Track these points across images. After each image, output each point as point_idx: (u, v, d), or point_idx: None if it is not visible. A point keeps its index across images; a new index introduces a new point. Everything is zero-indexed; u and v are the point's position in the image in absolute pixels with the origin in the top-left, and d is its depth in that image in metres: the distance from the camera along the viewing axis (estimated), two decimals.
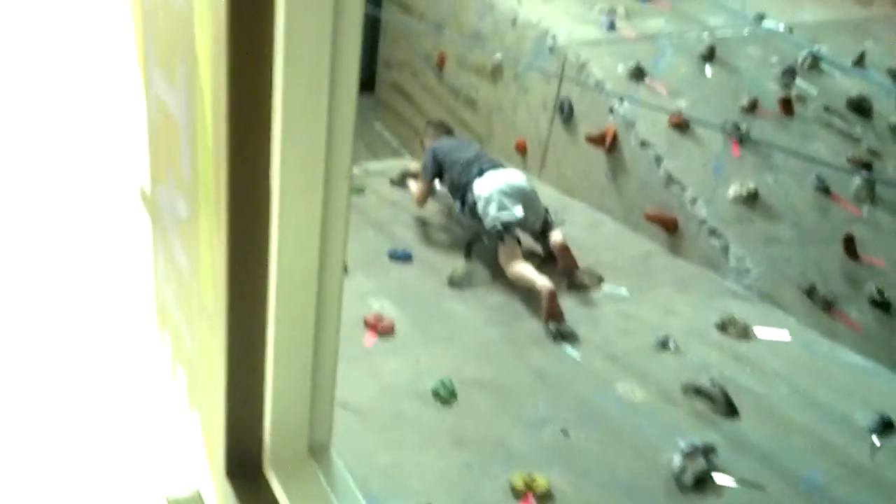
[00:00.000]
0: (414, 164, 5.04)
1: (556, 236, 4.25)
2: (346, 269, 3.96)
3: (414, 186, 4.76)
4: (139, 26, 1.80)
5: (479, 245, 4.31)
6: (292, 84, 1.37)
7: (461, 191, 4.30)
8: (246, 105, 1.42)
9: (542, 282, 3.85)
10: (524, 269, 3.98)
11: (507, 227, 4.08)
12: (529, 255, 4.23)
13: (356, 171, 5.32)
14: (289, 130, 1.42)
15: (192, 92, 1.53)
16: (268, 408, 1.65)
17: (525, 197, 4.19)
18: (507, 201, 4.11)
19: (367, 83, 7.42)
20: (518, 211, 4.10)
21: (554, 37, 5.30)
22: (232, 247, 1.52)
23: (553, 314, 3.78)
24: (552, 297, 3.79)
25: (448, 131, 5.00)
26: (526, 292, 4.02)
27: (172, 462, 2.02)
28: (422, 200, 4.68)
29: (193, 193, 1.63)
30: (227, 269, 1.53)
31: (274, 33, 1.35)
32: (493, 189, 4.14)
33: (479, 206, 4.14)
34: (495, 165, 4.35)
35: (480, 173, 4.24)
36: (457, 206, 4.39)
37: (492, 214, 4.09)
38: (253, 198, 1.49)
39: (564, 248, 4.21)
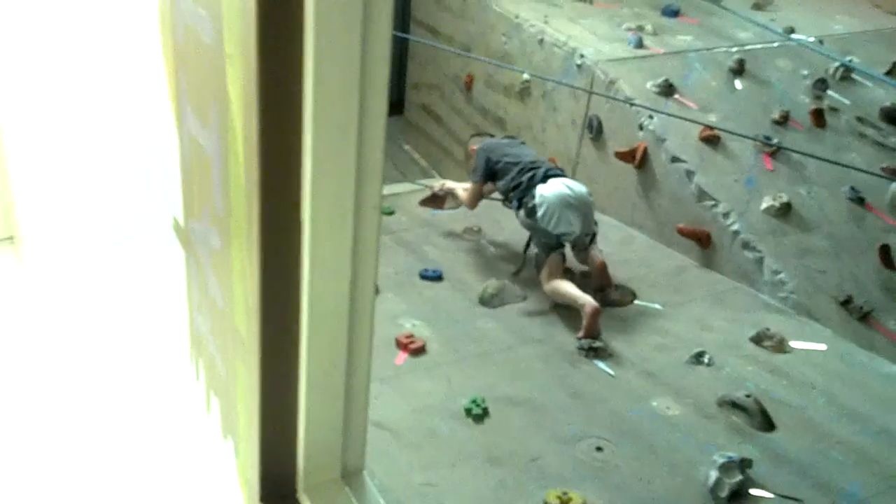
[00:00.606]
0: (439, 183, 5.06)
1: (596, 254, 4.23)
2: (377, 290, 4.02)
3: (462, 193, 4.69)
4: (170, 63, 1.87)
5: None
6: (322, 122, 1.42)
7: (520, 193, 4.18)
8: (277, 142, 1.47)
9: (585, 299, 3.85)
10: (566, 287, 3.98)
11: (562, 243, 4.08)
12: (565, 271, 4.25)
13: (385, 190, 5.38)
14: (319, 166, 1.46)
15: (224, 130, 1.59)
16: (301, 433, 1.69)
17: (585, 207, 4.13)
18: (569, 213, 4.04)
19: (397, 105, 7.51)
20: (576, 226, 4.04)
21: (582, 55, 5.33)
22: (264, 277, 1.56)
23: (592, 332, 3.79)
24: (595, 314, 3.80)
25: (491, 137, 4.95)
26: (561, 309, 4.04)
27: (207, 489, 2.07)
28: (474, 203, 4.61)
29: (226, 226, 1.68)
30: (260, 299, 1.57)
31: (303, 73, 1.40)
32: (557, 194, 4.05)
33: (541, 210, 4.04)
34: (557, 173, 4.28)
35: (545, 178, 4.14)
36: (513, 206, 4.27)
37: (551, 226, 4.03)
38: (284, 230, 1.54)
39: (603, 267, 4.20)
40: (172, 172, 1.94)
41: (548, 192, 4.07)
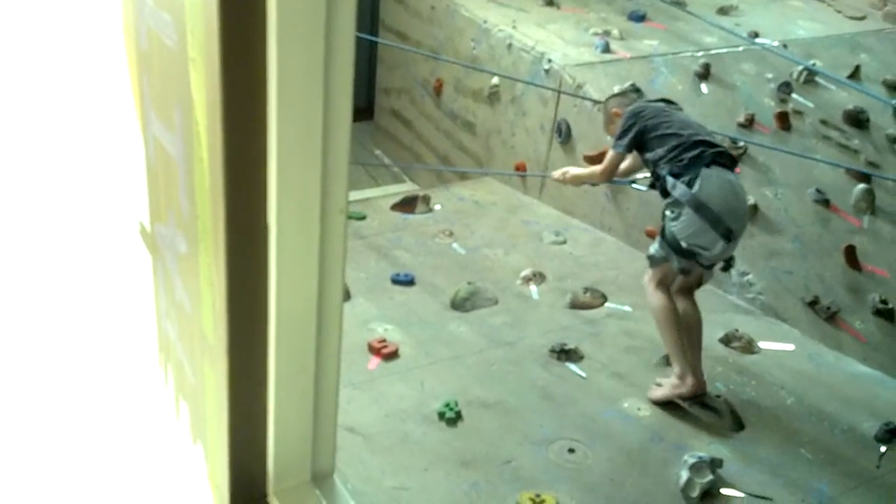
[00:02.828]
0: (558, 172, 4.20)
1: (702, 374, 3.40)
2: (348, 295, 4.00)
3: (586, 172, 3.93)
4: (134, 68, 1.86)
5: None
6: (286, 125, 1.42)
7: (678, 168, 3.29)
8: (241, 146, 1.47)
9: (685, 368, 3.33)
10: (674, 330, 3.35)
11: (694, 254, 3.31)
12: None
13: (356, 195, 5.38)
14: (284, 169, 1.46)
15: (189, 134, 1.58)
16: (270, 438, 1.68)
17: (742, 221, 3.36)
18: (721, 226, 3.22)
19: (366, 111, 7.50)
20: (717, 249, 3.26)
21: (550, 60, 5.36)
22: (231, 281, 1.56)
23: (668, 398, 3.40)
24: (692, 396, 3.35)
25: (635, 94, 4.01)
26: (531, 311, 4.05)
27: (178, 494, 2.06)
28: (611, 175, 3.74)
29: (192, 230, 1.68)
30: (227, 303, 1.57)
31: (267, 76, 1.40)
32: (719, 196, 3.23)
33: (685, 212, 3.24)
34: (726, 162, 3.35)
35: (710, 164, 3.27)
36: (661, 173, 3.35)
37: (692, 230, 3.24)
38: (251, 234, 1.54)
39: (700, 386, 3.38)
40: (138, 177, 1.93)
41: (709, 189, 3.23)
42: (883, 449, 3.27)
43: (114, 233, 2.18)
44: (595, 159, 4.98)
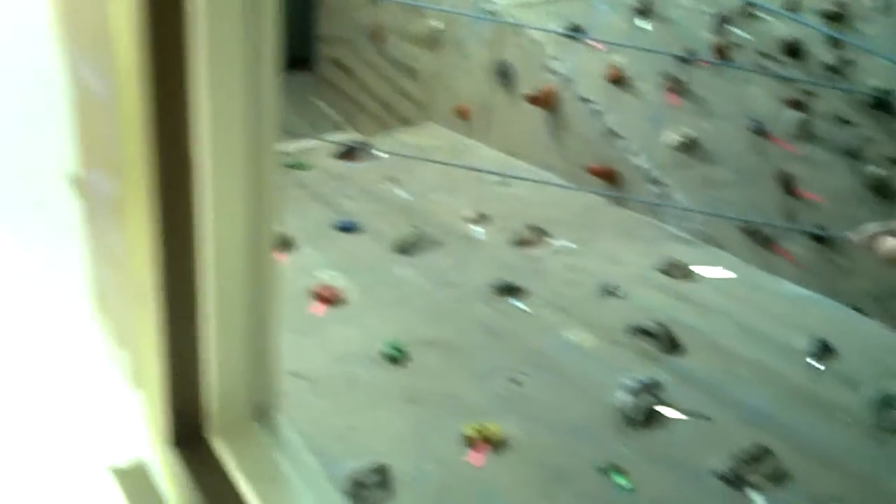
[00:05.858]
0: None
1: None
2: (293, 244, 4.01)
3: None
4: (55, 4, 1.82)
5: None
6: (211, 53, 1.41)
7: None
8: (166, 79, 1.46)
9: None
10: None
11: None
12: None
13: (299, 146, 5.35)
14: (210, 98, 1.45)
15: (113, 71, 1.57)
16: (210, 376, 1.70)
17: None
18: None
19: (306, 61, 7.40)
20: None
21: (493, 2, 5.34)
22: (161, 221, 1.56)
23: None
24: None
25: None
26: (475, 253, 4.10)
27: (115, 435, 2.08)
28: None
29: (121, 174, 1.67)
30: (159, 245, 1.57)
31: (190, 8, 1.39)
32: None
33: None
34: None
35: None
36: None
37: None
38: (179, 171, 1.53)
39: None
40: (64, 121, 1.91)
41: None
42: (815, 364, 3.40)
43: (38, 181, 2.17)
44: (536, 99, 5.02)
